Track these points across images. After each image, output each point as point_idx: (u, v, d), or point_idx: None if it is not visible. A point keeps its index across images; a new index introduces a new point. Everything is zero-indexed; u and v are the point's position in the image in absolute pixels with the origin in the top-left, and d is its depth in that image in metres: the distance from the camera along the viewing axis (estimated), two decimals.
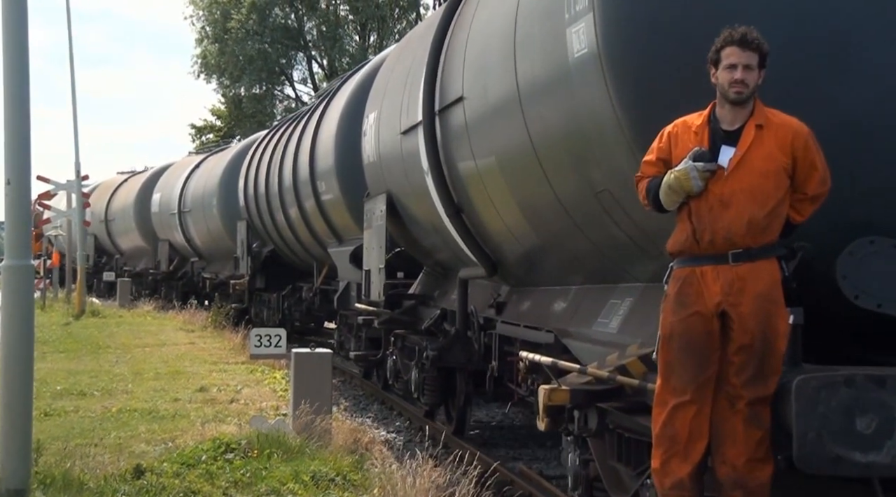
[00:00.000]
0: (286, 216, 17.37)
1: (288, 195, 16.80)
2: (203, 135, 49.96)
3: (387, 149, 10.35)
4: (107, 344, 18.12)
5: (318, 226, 15.44)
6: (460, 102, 7.80)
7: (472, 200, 8.11)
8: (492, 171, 7.34)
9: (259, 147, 20.84)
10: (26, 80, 7.01)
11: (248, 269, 20.50)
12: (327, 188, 14.30)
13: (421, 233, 10.20)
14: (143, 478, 7.08)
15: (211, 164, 25.50)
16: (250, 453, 7.76)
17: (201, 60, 45.34)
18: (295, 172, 16.20)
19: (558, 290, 7.30)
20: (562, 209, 6.36)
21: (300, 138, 16.21)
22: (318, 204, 14.89)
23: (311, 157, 14.99)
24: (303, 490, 6.91)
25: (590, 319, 6.37)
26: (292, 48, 44.83)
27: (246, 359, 14.81)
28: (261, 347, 9.95)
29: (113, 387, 12.55)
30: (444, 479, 7.02)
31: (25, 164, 7.04)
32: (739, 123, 4.60)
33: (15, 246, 7.01)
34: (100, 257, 38.93)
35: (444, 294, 10.15)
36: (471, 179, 7.90)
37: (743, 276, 4.51)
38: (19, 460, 6.76)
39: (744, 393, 4.50)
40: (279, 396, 11.80)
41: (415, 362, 10.13)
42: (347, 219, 13.62)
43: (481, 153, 7.49)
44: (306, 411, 8.65)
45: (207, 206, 23.80)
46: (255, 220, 20.13)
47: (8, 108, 6.98)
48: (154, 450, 8.45)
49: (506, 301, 8.28)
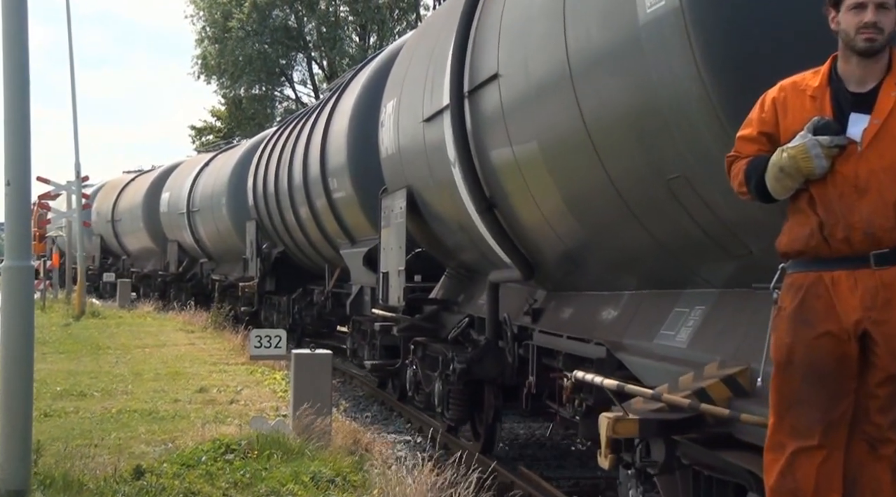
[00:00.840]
0: (296, 216, 16.69)
1: (298, 194, 16.11)
2: (203, 136, 49.95)
3: (407, 139, 9.52)
4: (107, 345, 18.12)
5: (330, 226, 14.74)
6: (494, 81, 6.85)
7: (507, 194, 7.20)
8: (532, 159, 6.36)
9: (268, 144, 20.12)
10: (26, 80, 7.02)
11: (258, 271, 19.80)
12: (339, 185, 13.55)
13: (445, 231, 9.43)
14: (142, 479, 7.09)
15: (220, 162, 24.82)
16: (250, 454, 7.77)
17: (201, 61, 45.35)
18: (305, 170, 15.49)
19: (606, 296, 6.42)
20: (617, 198, 5.38)
21: (310, 134, 15.51)
22: (329, 202, 14.16)
23: (322, 154, 14.28)
24: (303, 491, 6.91)
25: (649, 331, 5.46)
26: (292, 49, 44.84)
27: (246, 360, 14.80)
28: (261, 348, 9.95)
29: (113, 388, 12.55)
30: (443, 481, 7.02)
31: (25, 165, 7.04)
32: (872, 83, 3.61)
33: (15, 247, 7.01)
34: (105, 258, 38.13)
35: (470, 299, 9.34)
36: (506, 170, 6.97)
37: (890, 284, 3.53)
38: (19, 461, 6.76)
39: (892, 435, 3.59)
40: (279, 397, 11.80)
41: (438, 373, 9.29)
42: (361, 218, 12.95)
43: (520, 138, 6.52)
44: (306, 412, 8.65)
45: (216, 206, 23.09)
46: (264, 220, 19.44)
47: (8, 109, 6.98)
48: (154, 451, 8.46)
49: (543, 308, 7.44)
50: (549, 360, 6.99)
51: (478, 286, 9.06)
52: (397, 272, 10.02)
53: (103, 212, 37.37)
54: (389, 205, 10.36)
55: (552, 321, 7.12)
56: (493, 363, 8.19)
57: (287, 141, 17.77)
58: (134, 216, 32.51)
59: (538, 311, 7.43)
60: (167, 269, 29.07)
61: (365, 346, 12.96)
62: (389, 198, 10.41)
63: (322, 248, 16.09)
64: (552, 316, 7.21)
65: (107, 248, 37.89)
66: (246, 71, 43.36)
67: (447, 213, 8.92)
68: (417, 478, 6.80)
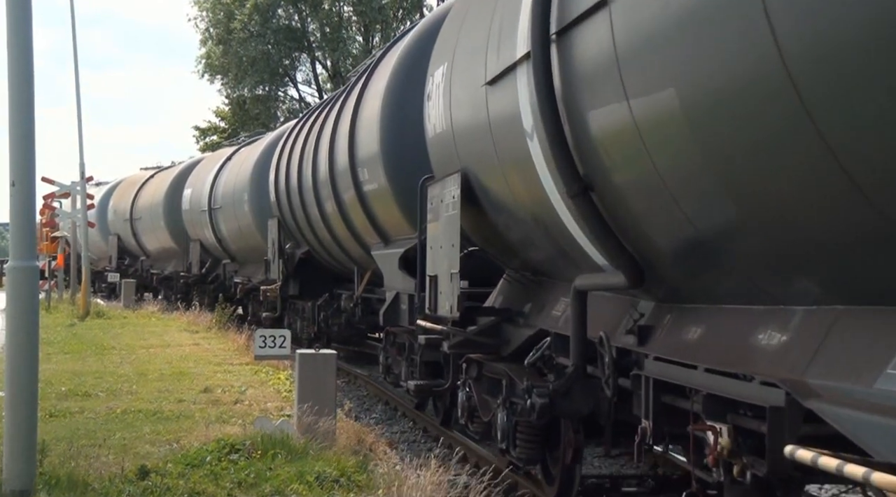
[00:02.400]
0: (321, 212, 15.06)
1: (323, 188, 14.50)
2: (207, 136, 50.01)
3: (463, 111, 7.78)
4: (111, 345, 18.15)
5: (360, 223, 13.11)
6: (602, 11, 4.94)
7: (612, 169, 5.32)
8: (665, 116, 4.47)
9: (291, 135, 18.49)
10: (30, 82, 7.04)
11: (280, 274, 18.11)
12: (370, 176, 11.92)
13: (509, 224, 7.64)
14: (147, 478, 7.11)
15: (243, 155, 23.07)
16: (254, 454, 7.78)
17: (205, 61, 45.43)
18: (332, 161, 13.90)
19: (762, 312, 4.59)
20: (828, 160, 3.56)
21: (337, 122, 13.93)
22: (359, 196, 12.53)
23: (351, 142, 12.71)
24: (307, 491, 6.92)
25: (862, 368, 3.73)
26: (296, 49, 44.88)
27: (250, 360, 14.83)
28: (265, 348, 9.96)
29: (118, 388, 12.58)
30: (447, 480, 7.02)
31: (30, 166, 7.06)
32: None
33: (20, 247, 7.03)
34: (122, 259, 35.51)
35: (541, 309, 7.55)
36: (614, 136, 5.10)
37: None
38: (24, 461, 6.78)
39: None
40: (283, 397, 11.82)
41: (501, 402, 7.56)
42: (395, 213, 11.39)
43: (644, 88, 4.62)
44: (310, 412, 8.66)
45: (238, 203, 21.37)
46: (287, 217, 17.82)
47: (12, 111, 7.00)
48: (159, 451, 8.48)
49: (653, 325, 5.65)
50: (672, 399, 5.34)
51: (551, 293, 7.44)
52: (449, 276, 8.11)
53: (120, 210, 35.15)
54: (437, 195, 8.60)
55: (672, 344, 5.31)
56: (585, 397, 6.43)
57: (311, 131, 16.27)
58: (154, 214, 30.27)
59: (646, 329, 5.65)
60: (189, 271, 27.06)
61: (402, 363, 11.29)
62: (437, 186, 8.66)
63: (350, 248, 14.50)
64: (670, 337, 5.39)
65: (124, 249, 35.37)
66: (249, 71, 43.42)
67: (516, 201, 7.09)
68: (422, 477, 6.80)
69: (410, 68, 11.08)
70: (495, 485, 7.30)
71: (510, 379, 7.39)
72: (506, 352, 8.04)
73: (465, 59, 7.77)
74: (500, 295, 8.70)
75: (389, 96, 11.42)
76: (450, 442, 9.79)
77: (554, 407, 6.51)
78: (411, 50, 11.45)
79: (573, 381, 6.41)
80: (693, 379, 4.96)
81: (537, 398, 6.58)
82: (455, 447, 9.43)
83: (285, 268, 18.07)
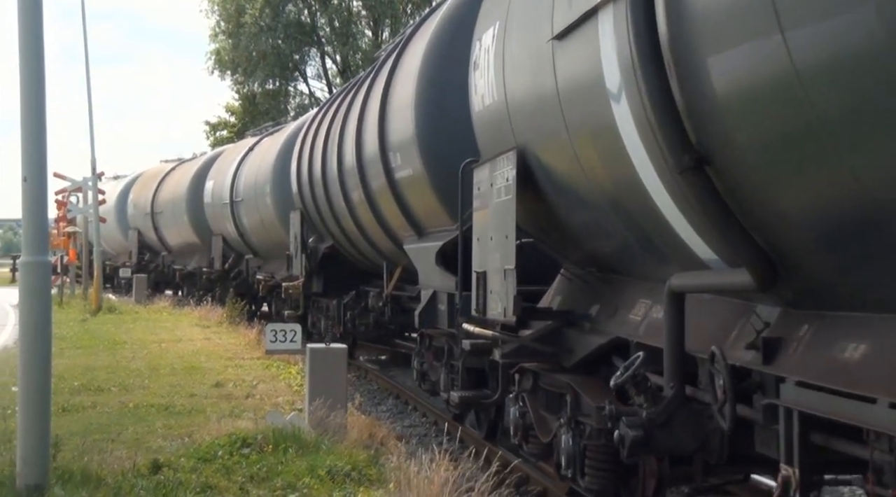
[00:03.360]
0: (348, 203, 13.84)
1: (350, 177, 13.33)
2: (217, 131, 50.11)
3: (521, 75, 6.49)
4: (123, 340, 18.23)
5: (390, 213, 11.90)
6: None
7: (743, 134, 4.06)
8: (855, 47, 3.22)
9: (314, 123, 17.26)
10: (42, 77, 7.06)
11: (303, 270, 16.95)
12: (403, 162, 10.74)
13: (574, 209, 6.42)
14: (160, 473, 7.14)
15: (265, 146, 21.92)
16: (266, 448, 7.81)
17: (215, 56, 45.53)
18: (359, 147, 12.68)
19: None
20: None
21: (364, 105, 12.75)
22: (390, 184, 11.28)
23: (382, 125, 11.50)
24: (318, 485, 6.95)
25: None
26: (305, 44, 44.90)
27: (261, 354, 14.87)
28: (276, 342, 9.99)
29: (130, 382, 12.63)
30: (459, 475, 7.04)
31: (42, 161, 7.09)
32: None
33: (32, 242, 7.06)
34: (143, 255, 33.86)
35: (612, 313, 6.34)
36: (753, 90, 3.84)
37: None
38: (38, 456, 6.81)
39: None
40: (295, 392, 11.86)
41: (566, 422, 6.47)
42: (432, 202, 10.19)
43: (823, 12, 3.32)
44: (321, 406, 8.69)
45: (260, 195, 20.24)
46: (310, 209, 16.59)
47: (24, 106, 7.03)
48: (171, 445, 8.51)
49: (782, 337, 4.40)
50: (827, 439, 4.19)
51: (625, 294, 6.27)
52: (501, 272, 6.86)
53: (141, 204, 33.40)
54: (485, 179, 7.40)
55: (820, 365, 4.05)
56: (690, 429, 5.11)
57: (335, 117, 15.06)
58: (177, 208, 28.68)
59: (773, 342, 4.41)
60: (212, 266, 25.65)
61: (440, 369, 10.30)
62: (485, 169, 7.46)
63: (379, 242, 13.25)
64: (814, 355, 4.13)
65: (145, 244, 33.69)
66: (259, 66, 43.49)
67: (589, 181, 5.78)
68: (434, 471, 6.82)
69: (450, 41, 9.95)
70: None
71: (575, 394, 6.36)
72: (568, 362, 6.70)
73: (524, 13, 6.49)
74: (557, 294, 7.44)
75: (426, 72, 10.18)
76: (461, 436, 9.80)
77: (650, 441, 5.13)
78: (450, 19, 10.22)
79: (674, 408, 5.06)
80: (870, 415, 3.63)
81: (628, 430, 5.14)
82: (466, 442, 9.44)
83: (308, 263, 16.97)
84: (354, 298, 15.51)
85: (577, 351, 6.69)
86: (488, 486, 6.87)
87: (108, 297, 28.86)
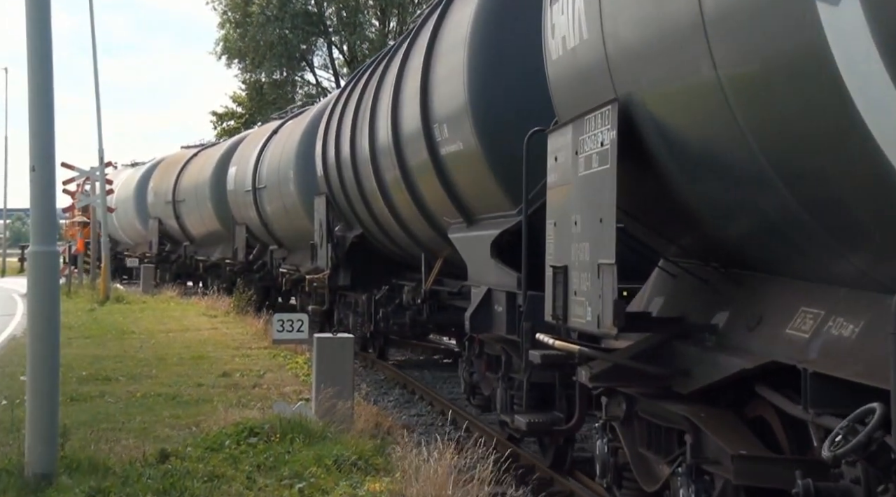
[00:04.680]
0: (380, 185, 12.29)
1: (384, 156, 11.84)
2: (224, 122, 50.15)
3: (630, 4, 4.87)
4: (131, 329, 18.29)
5: (432, 196, 10.34)
6: None
7: None
8: None
9: (340, 100, 15.58)
10: (49, 68, 7.08)
11: (329, 261, 15.45)
12: (451, 135, 9.21)
13: (706, 177, 4.69)
14: (167, 462, 7.18)
15: (289, 128, 20.50)
16: (273, 438, 7.84)
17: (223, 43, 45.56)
18: (395, 122, 11.11)
19: None
20: None
21: (401, 74, 11.24)
22: (433, 161, 9.71)
23: (423, 95, 9.99)
24: (325, 474, 6.97)
25: None
26: (312, 34, 44.88)
27: (268, 344, 14.90)
28: (283, 332, 10.01)
29: (137, 372, 12.68)
30: (465, 464, 7.06)
31: (50, 151, 7.11)
32: None
33: (40, 232, 7.09)
34: (163, 245, 32.04)
35: (754, 324, 4.65)
36: None
37: None
38: (46, 445, 6.85)
39: None
40: (302, 381, 11.89)
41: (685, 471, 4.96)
42: (487, 181, 8.62)
43: None
44: (328, 396, 8.71)
45: (283, 180, 18.92)
46: (337, 194, 15.14)
47: (32, 96, 7.05)
48: (178, 434, 8.55)
49: None
50: None
51: (775, 299, 4.62)
52: (594, 268, 5.18)
53: (162, 192, 31.58)
54: (567, 145, 5.75)
55: None
56: None
57: (365, 91, 13.58)
58: (200, 195, 26.91)
59: None
60: (235, 257, 23.89)
61: (495, 382, 8.86)
62: (566, 133, 5.79)
63: (417, 229, 11.72)
64: None
65: (166, 234, 31.79)
66: (267, 56, 43.49)
67: (742, 136, 4.04)
68: (440, 460, 6.84)
69: None
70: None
71: (697, 433, 4.83)
72: (685, 388, 5.01)
73: None
74: (656, 296, 5.80)
75: (479, 30, 8.69)
76: (466, 425, 9.82)
77: None
78: None
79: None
80: None
81: None
82: (472, 431, 9.46)
83: (334, 254, 15.44)
84: (387, 295, 13.87)
85: (697, 374, 4.96)
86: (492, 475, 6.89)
87: (115, 287, 28.92)
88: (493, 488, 6.84)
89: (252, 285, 22.56)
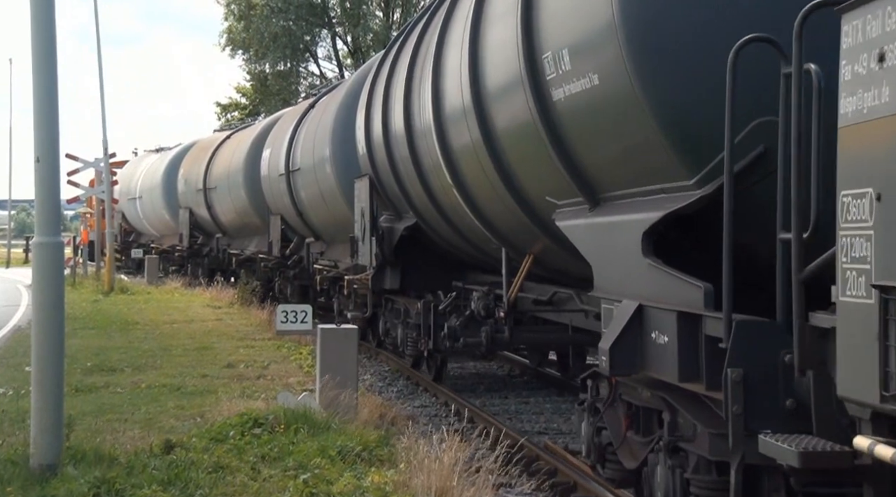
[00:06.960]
0: (447, 157, 9.48)
1: (454, 121, 9.07)
2: (228, 113, 50.16)
3: None
4: (135, 320, 18.32)
5: (532, 164, 7.46)
6: None
7: None
8: None
9: (386, 60, 12.90)
10: (54, 59, 7.08)
11: (373, 258, 12.61)
12: (578, 66, 6.13)
13: None
14: (172, 452, 7.19)
15: (324, 104, 17.99)
16: (277, 428, 7.85)
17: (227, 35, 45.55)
18: (474, 68, 8.25)
19: None
20: None
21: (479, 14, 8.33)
22: (541, 110, 6.73)
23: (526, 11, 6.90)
24: (329, 465, 6.98)
25: None
26: (316, 25, 44.82)
27: (273, 335, 14.93)
28: (287, 323, 10.02)
29: (142, 363, 12.71)
30: (469, 454, 7.07)
31: (54, 142, 7.11)
32: None
33: (45, 223, 7.10)
34: (195, 237, 28.83)
35: None
36: None
37: None
38: (51, 436, 6.87)
39: None
40: (306, 372, 11.92)
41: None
42: (642, 132, 5.50)
43: None
44: (332, 386, 8.73)
45: (319, 162, 16.23)
46: (383, 175, 12.42)
47: (36, 87, 7.05)
48: (183, 425, 8.57)
49: None
50: None
51: None
52: None
53: (192, 179, 28.30)
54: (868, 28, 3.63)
55: None
56: None
57: (421, 42, 11.00)
58: (233, 183, 23.78)
59: None
60: (270, 251, 20.85)
61: (647, 452, 5.64)
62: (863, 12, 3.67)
63: (500, 214, 8.81)
64: None
65: (197, 225, 28.58)
66: (271, 47, 43.46)
67: None
68: (444, 451, 6.85)
69: None
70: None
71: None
72: None
73: None
74: None
75: None
76: (471, 416, 9.83)
77: None
78: None
79: None
80: None
81: None
82: (475, 421, 9.47)
83: (380, 249, 12.57)
84: (454, 303, 10.97)
85: None
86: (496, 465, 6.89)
87: (120, 278, 28.96)
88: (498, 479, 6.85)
89: (288, 283, 19.68)
